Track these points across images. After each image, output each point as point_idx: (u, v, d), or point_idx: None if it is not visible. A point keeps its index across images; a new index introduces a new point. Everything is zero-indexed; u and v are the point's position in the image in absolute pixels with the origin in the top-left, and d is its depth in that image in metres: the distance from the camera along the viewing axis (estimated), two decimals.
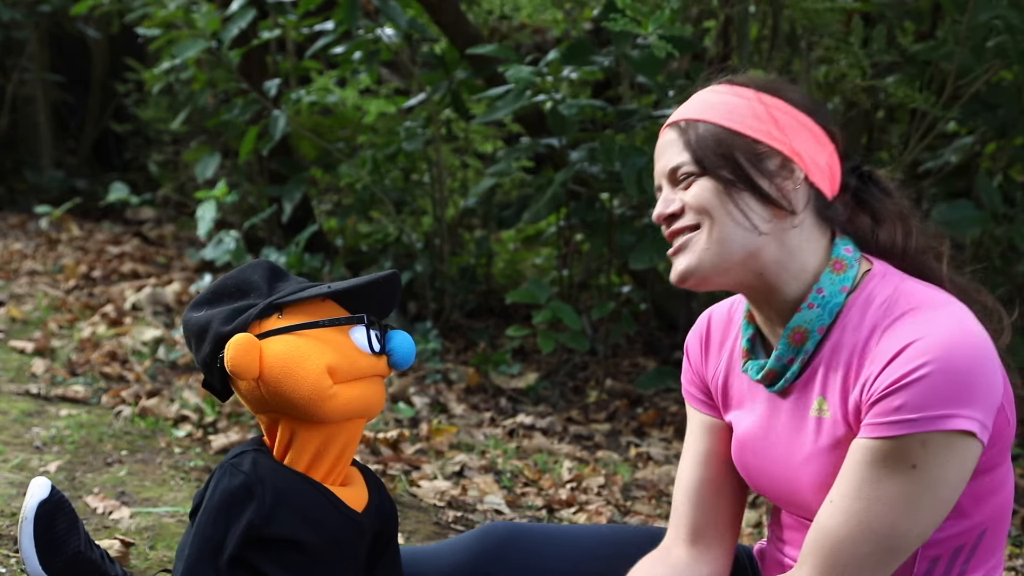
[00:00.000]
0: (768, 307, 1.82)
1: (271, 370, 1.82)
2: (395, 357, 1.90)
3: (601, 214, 4.71)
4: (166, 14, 5.54)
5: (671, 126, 1.84)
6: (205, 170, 5.72)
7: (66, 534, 2.06)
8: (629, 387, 4.83)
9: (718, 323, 1.97)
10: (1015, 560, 3.24)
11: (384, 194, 5.57)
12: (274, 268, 1.95)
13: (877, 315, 1.73)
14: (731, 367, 1.93)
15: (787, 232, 1.77)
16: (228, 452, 3.43)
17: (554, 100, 4.45)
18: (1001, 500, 1.78)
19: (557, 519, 3.31)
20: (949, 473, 1.64)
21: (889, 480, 1.65)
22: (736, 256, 1.76)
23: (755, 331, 1.88)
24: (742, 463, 1.91)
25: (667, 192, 1.83)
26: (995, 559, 1.80)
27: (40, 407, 3.76)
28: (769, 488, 1.89)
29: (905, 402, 1.63)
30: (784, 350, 1.79)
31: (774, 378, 1.81)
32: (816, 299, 1.76)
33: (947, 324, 1.66)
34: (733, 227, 1.76)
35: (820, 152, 1.80)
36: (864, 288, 1.76)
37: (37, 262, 6.43)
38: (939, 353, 1.63)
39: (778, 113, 1.79)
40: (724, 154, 1.76)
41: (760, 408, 1.86)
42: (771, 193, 1.76)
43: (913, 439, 1.63)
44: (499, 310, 5.76)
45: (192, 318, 1.90)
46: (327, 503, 1.86)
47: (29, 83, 8.94)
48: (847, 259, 1.78)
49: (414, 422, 4.11)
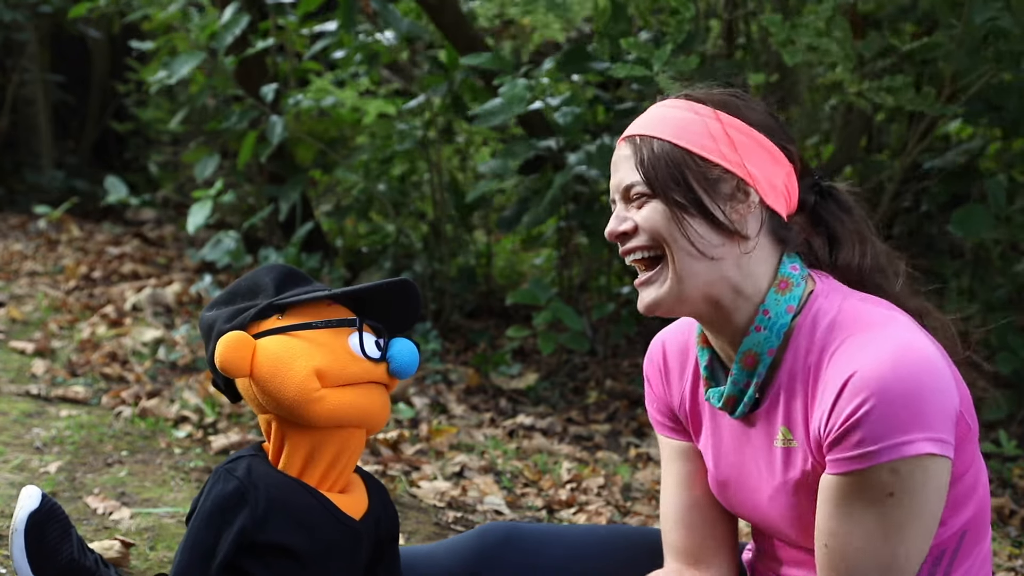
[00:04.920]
0: (721, 332, 1.80)
1: (260, 369, 1.82)
2: (394, 364, 1.87)
3: (600, 215, 4.71)
4: (166, 16, 5.54)
5: (626, 140, 1.80)
6: (204, 171, 5.73)
7: (59, 542, 2.04)
8: (629, 388, 4.83)
9: (674, 349, 1.95)
10: (1015, 560, 3.24)
11: (382, 195, 5.58)
12: (290, 272, 1.94)
13: (825, 338, 1.71)
14: (693, 395, 1.91)
15: (741, 257, 1.74)
16: (228, 453, 3.44)
17: (550, 107, 4.45)
18: (977, 500, 1.78)
19: (557, 519, 3.31)
20: (927, 494, 1.64)
21: (871, 511, 1.64)
22: (696, 287, 1.74)
23: (711, 355, 1.85)
24: (716, 492, 1.90)
25: (620, 209, 1.80)
26: (979, 551, 1.80)
27: (40, 408, 3.76)
28: (744, 515, 1.89)
29: (862, 437, 1.61)
30: (738, 374, 1.77)
31: (734, 404, 1.80)
32: (763, 321, 1.74)
33: (886, 346, 1.64)
34: (688, 256, 1.73)
35: (776, 173, 1.77)
36: (810, 308, 1.74)
37: (37, 263, 6.44)
38: (879, 384, 1.61)
39: (734, 132, 1.75)
40: (676, 177, 1.73)
41: (727, 436, 1.85)
42: (723, 219, 1.73)
43: (880, 469, 1.62)
44: (499, 311, 5.76)
45: (204, 317, 1.92)
46: (322, 510, 1.85)
47: (29, 84, 8.95)
48: (793, 277, 1.76)
49: (414, 422, 4.11)
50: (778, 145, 1.78)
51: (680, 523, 1.93)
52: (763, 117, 1.80)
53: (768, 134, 1.78)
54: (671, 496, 1.95)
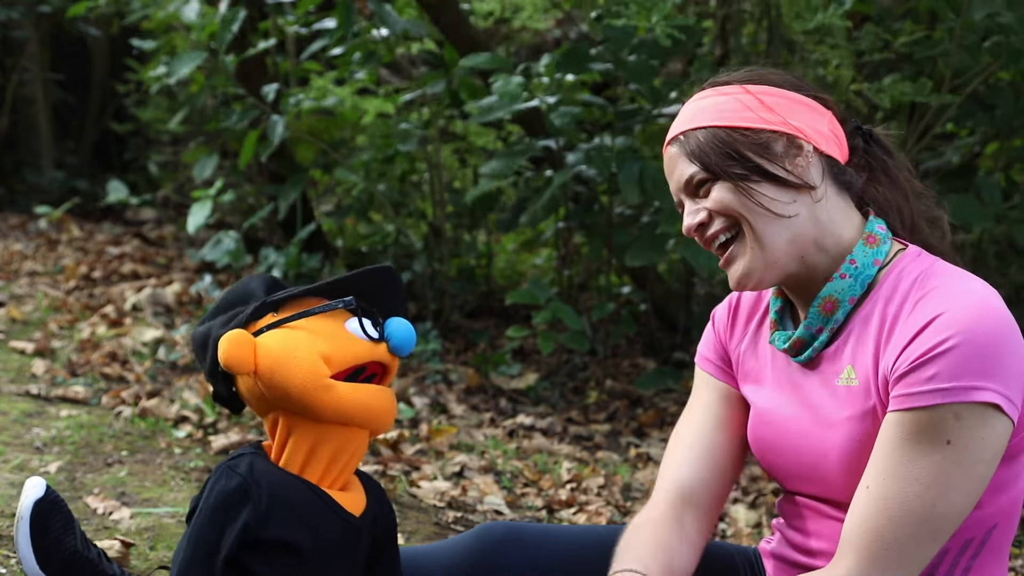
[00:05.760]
0: (800, 287, 1.84)
1: (265, 362, 1.82)
2: (393, 342, 1.89)
3: (600, 215, 4.72)
4: (165, 15, 5.54)
5: (672, 143, 1.86)
6: (204, 170, 5.73)
7: (62, 533, 2.06)
8: (629, 388, 4.83)
9: (747, 297, 1.99)
10: (1015, 560, 3.24)
11: (382, 196, 5.58)
12: (274, 280, 1.97)
13: (909, 289, 1.74)
14: (754, 341, 1.94)
15: (814, 208, 1.79)
16: (228, 453, 3.44)
17: (547, 105, 4.45)
18: (1013, 495, 1.78)
19: (557, 519, 3.31)
20: (983, 449, 1.64)
21: (925, 458, 1.64)
22: (781, 247, 1.79)
23: (783, 303, 1.90)
24: (759, 437, 1.91)
25: (689, 205, 1.85)
26: (999, 560, 1.80)
27: (40, 408, 3.76)
28: (786, 464, 1.88)
29: (936, 372, 1.63)
30: (813, 319, 1.81)
31: (801, 347, 1.83)
32: (849, 269, 1.78)
33: (976, 299, 1.68)
34: (766, 221, 1.78)
35: (819, 121, 1.82)
36: (897, 264, 1.79)
37: (37, 263, 6.44)
38: (967, 325, 1.64)
39: (767, 97, 1.81)
40: (728, 153, 1.78)
41: (783, 381, 1.87)
42: (786, 176, 1.78)
43: (947, 410, 1.63)
44: (499, 311, 5.76)
45: (196, 332, 1.94)
46: (324, 506, 1.86)
47: (29, 83, 8.95)
48: (880, 235, 1.80)
49: (414, 422, 4.12)
50: (811, 97, 1.84)
51: (700, 460, 1.93)
52: (787, 78, 1.86)
53: (798, 91, 1.84)
54: (699, 433, 1.96)
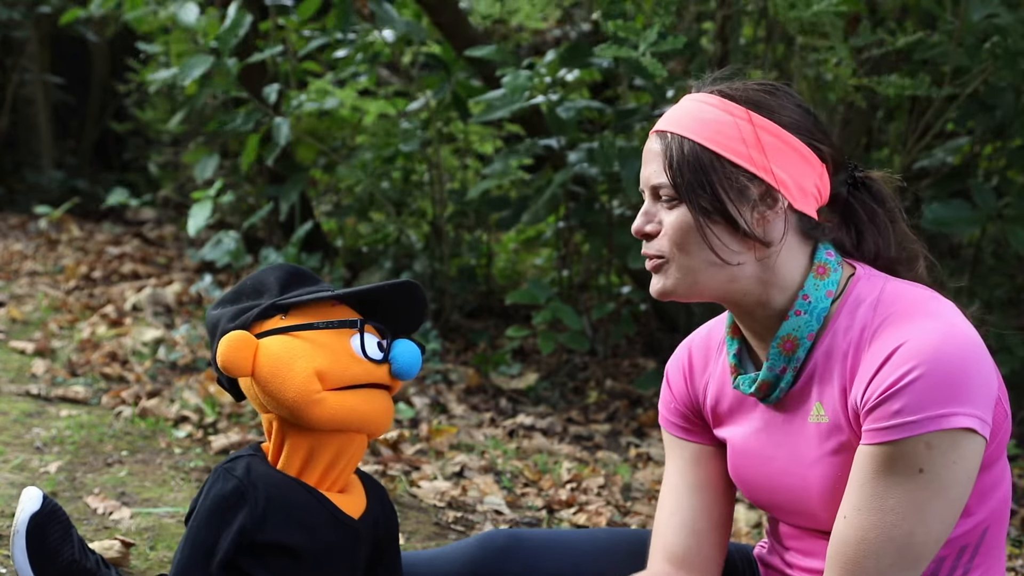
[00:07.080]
0: (753, 319, 1.80)
1: (262, 369, 1.82)
2: (396, 366, 1.86)
3: (600, 215, 4.71)
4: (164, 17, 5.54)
5: (658, 133, 1.81)
6: (204, 171, 5.72)
7: (60, 544, 2.04)
8: (629, 387, 4.83)
9: (698, 348, 1.96)
10: (1015, 560, 3.24)
11: (383, 195, 5.58)
12: (296, 271, 1.94)
13: (866, 316, 1.72)
14: (719, 386, 1.91)
15: (766, 259, 1.76)
16: (228, 453, 3.44)
17: (551, 102, 4.45)
18: (1001, 496, 1.78)
19: (557, 519, 3.31)
20: (957, 473, 1.63)
21: (899, 487, 1.64)
22: (710, 285, 1.76)
23: (740, 345, 1.86)
24: (741, 477, 1.89)
25: (648, 204, 1.82)
26: (996, 558, 1.80)
27: (40, 408, 3.76)
28: (771, 500, 1.87)
29: (903, 405, 1.62)
30: (775, 360, 1.77)
31: (768, 390, 1.80)
32: (802, 305, 1.75)
33: (935, 323, 1.66)
34: (707, 261, 1.75)
35: (807, 175, 1.77)
36: (851, 292, 1.76)
37: (37, 263, 6.44)
38: (929, 354, 1.62)
39: (765, 136, 1.75)
40: (703, 182, 1.74)
41: (756, 422, 1.85)
42: (745, 227, 1.73)
43: (917, 441, 1.62)
44: (499, 310, 5.76)
45: (210, 314, 1.93)
46: (322, 509, 1.85)
47: (29, 84, 8.95)
48: (829, 263, 1.77)
49: (414, 422, 4.12)
50: (811, 144, 1.78)
51: (683, 527, 1.92)
52: (796, 116, 1.79)
53: (800, 134, 1.78)
54: (676, 500, 1.94)
